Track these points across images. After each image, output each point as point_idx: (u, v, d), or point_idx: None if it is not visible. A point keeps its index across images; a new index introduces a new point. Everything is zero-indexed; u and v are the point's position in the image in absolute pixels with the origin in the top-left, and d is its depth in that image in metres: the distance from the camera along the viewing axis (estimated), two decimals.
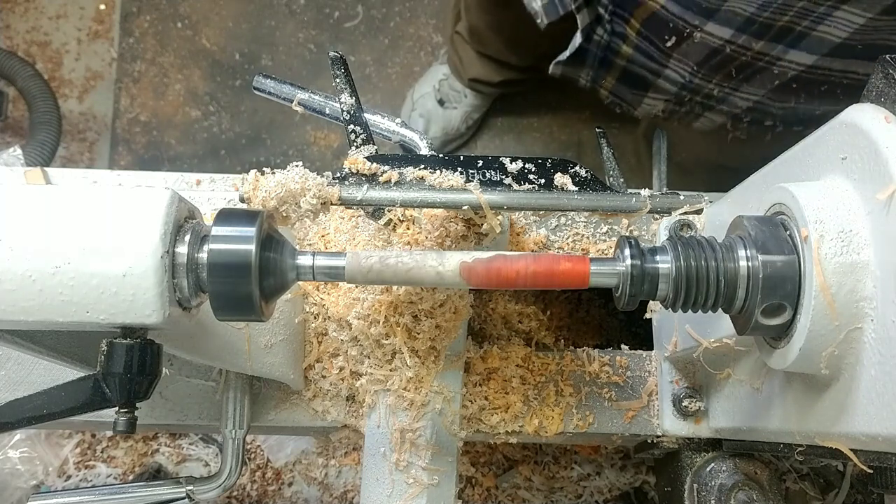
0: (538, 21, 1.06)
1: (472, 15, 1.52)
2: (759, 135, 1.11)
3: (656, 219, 0.78)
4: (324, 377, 0.73)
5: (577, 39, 1.03)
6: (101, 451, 1.22)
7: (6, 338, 0.54)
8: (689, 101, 1.06)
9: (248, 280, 0.46)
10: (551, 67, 1.12)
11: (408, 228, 0.65)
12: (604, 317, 1.04)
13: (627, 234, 0.81)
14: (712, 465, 0.73)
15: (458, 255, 0.51)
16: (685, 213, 0.54)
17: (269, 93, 0.64)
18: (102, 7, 1.97)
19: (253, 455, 1.23)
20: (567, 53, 1.06)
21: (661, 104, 1.11)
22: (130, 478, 1.20)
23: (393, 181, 0.56)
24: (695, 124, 1.12)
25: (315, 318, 0.72)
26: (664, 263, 0.50)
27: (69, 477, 1.21)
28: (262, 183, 0.53)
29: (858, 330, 0.44)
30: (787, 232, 0.47)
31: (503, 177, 0.57)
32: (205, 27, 1.94)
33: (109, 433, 1.22)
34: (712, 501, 0.72)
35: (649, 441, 0.76)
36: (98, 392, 0.49)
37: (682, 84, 1.01)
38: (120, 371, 0.48)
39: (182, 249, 0.47)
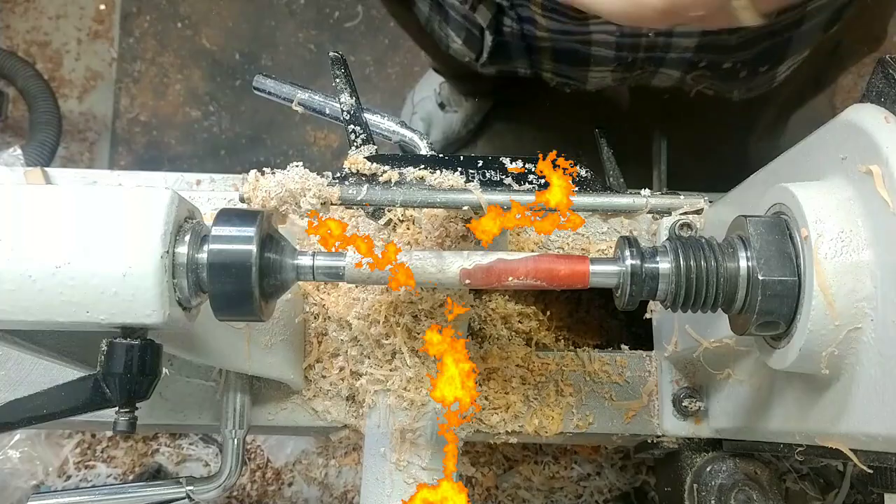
0: (475, 62, 1.00)
1: None
2: (726, 90, 1.03)
3: (656, 219, 0.78)
4: (324, 377, 0.73)
5: (488, 38, 0.98)
6: (101, 451, 1.22)
7: (6, 338, 0.54)
8: (632, 62, 0.99)
9: (248, 280, 0.46)
10: (479, 67, 1.06)
11: (408, 228, 0.65)
12: (604, 317, 1.04)
13: (627, 234, 0.81)
14: (712, 465, 0.73)
15: (458, 257, 0.51)
16: (685, 213, 0.54)
17: (269, 93, 0.64)
18: (102, 7, 1.97)
19: (253, 455, 1.23)
20: (485, 55, 1.02)
21: (608, 74, 1.05)
22: (130, 478, 1.20)
23: (393, 181, 0.56)
24: (652, 82, 1.06)
25: (315, 318, 0.72)
26: (664, 263, 0.49)
27: (69, 477, 1.21)
28: (262, 183, 0.53)
29: (858, 330, 0.44)
30: (788, 232, 0.47)
31: (503, 177, 0.57)
32: (205, 27, 1.94)
33: (109, 433, 1.22)
34: (712, 501, 0.72)
35: (649, 441, 0.76)
36: (98, 392, 0.49)
37: (617, 44, 0.94)
38: (120, 371, 0.48)
39: (182, 249, 0.47)
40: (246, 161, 1.87)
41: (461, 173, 0.56)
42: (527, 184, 0.57)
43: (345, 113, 0.60)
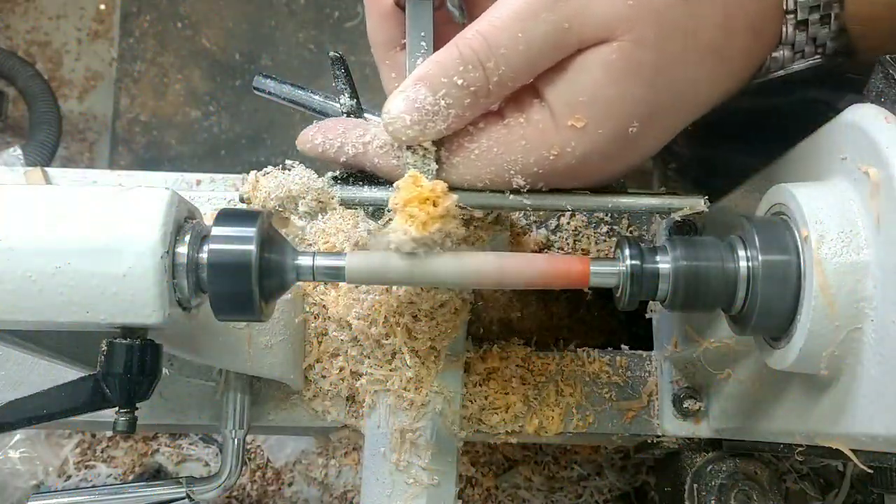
0: None
1: None
2: None
3: (660, 219, 0.78)
4: (324, 377, 0.73)
5: None
6: (101, 451, 1.22)
7: (6, 338, 0.54)
8: None
9: (248, 281, 0.46)
10: None
11: None
12: (604, 317, 1.04)
13: (627, 234, 0.81)
14: (712, 465, 0.73)
15: (458, 257, 0.51)
16: (685, 213, 0.54)
17: (269, 93, 0.64)
18: (102, 7, 1.96)
19: (253, 455, 1.23)
20: None
21: None
22: (130, 478, 1.20)
23: (393, 181, 0.56)
24: None
25: (315, 318, 0.72)
26: (664, 263, 0.50)
27: (69, 477, 1.20)
28: (262, 183, 0.53)
29: (858, 330, 0.44)
30: (788, 232, 0.47)
31: None
32: (205, 27, 1.94)
33: (109, 433, 1.22)
34: (712, 501, 0.72)
35: (649, 441, 0.76)
36: (98, 392, 0.49)
37: None
38: (120, 371, 0.48)
39: (182, 250, 0.47)
40: (246, 161, 1.87)
41: None
42: None
43: (345, 113, 0.60)
